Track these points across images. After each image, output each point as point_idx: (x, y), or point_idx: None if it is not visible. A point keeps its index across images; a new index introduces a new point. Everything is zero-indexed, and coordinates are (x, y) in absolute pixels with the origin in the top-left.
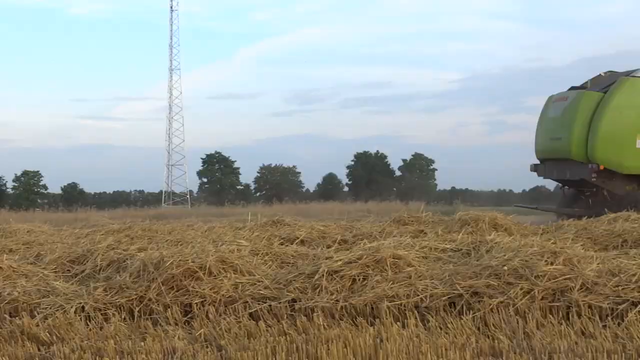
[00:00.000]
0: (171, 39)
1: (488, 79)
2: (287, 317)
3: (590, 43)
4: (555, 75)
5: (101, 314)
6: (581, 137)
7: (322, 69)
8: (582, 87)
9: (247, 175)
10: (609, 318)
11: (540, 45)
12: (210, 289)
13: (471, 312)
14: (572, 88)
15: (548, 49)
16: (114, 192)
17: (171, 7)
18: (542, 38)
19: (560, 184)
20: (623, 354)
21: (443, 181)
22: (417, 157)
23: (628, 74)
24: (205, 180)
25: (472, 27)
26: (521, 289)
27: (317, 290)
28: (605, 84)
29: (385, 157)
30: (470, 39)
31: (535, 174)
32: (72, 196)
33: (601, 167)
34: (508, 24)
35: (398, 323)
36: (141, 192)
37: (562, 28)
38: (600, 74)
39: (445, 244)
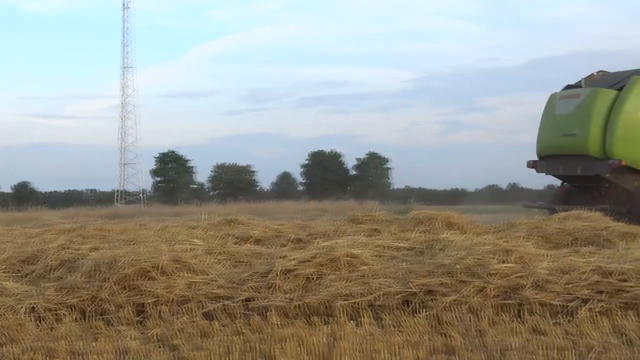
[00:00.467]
0: (124, 36)
1: (442, 79)
2: (241, 317)
3: (543, 44)
4: (508, 75)
5: (52, 314)
6: (598, 134)
7: (278, 68)
8: (577, 85)
9: (202, 174)
10: (560, 315)
11: (494, 45)
12: (164, 289)
13: (425, 310)
14: (569, 87)
15: (502, 50)
16: (66, 191)
17: (124, 5)
18: (496, 38)
19: (562, 181)
20: (574, 351)
21: (398, 180)
22: (372, 156)
23: (637, 72)
24: (159, 179)
25: (427, 27)
26: (474, 287)
27: (272, 289)
28: (610, 82)
29: (340, 156)
30: (425, 38)
31: (527, 171)
32: (23, 195)
33: (623, 163)
34: (463, 24)
35: (352, 321)
36: (94, 191)
37: (516, 29)
38: (593, 74)
39: (400, 243)
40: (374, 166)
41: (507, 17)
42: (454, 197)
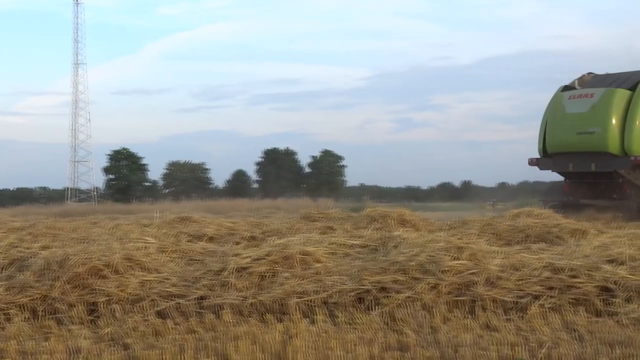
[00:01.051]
0: (76, 32)
1: (396, 77)
2: (195, 315)
3: (495, 43)
4: (461, 73)
5: (2, 314)
6: (617, 132)
7: (232, 65)
8: (571, 87)
9: (155, 172)
10: (512, 311)
11: (447, 44)
12: (117, 287)
13: (379, 307)
14: (566, 88)
15: (454, 49)
16: (16, 189)
17: (75, 0)
18: (449, 38)
19: (565, 177)
20: (525, 346)
21: (352, 178)
22: (326, 154)
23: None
24: (111, 176)
25: (382, 25)
26: (427, 284)
27: (226, 287)
28: (610, 82)
29: (295, 153)
30: (379, 37)
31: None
32: None
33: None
34: (417, 23)
35: (306, 319)
36: (45, 188)
37: (468, 28)
38: (583, 75)
39: (354, 240)
40: (328, 164)
41: (460, 17)
42: (408, 194)
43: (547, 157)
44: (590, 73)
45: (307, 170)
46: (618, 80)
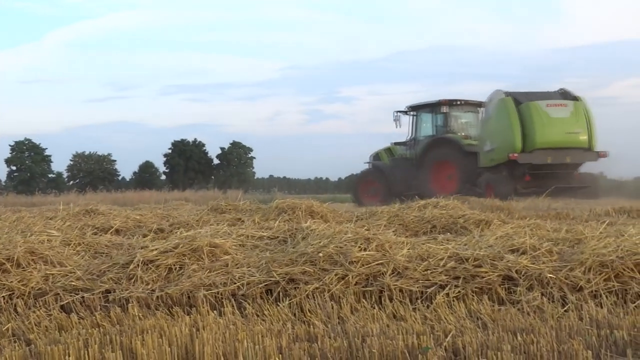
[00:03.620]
0: None
1: (306, 69)
2: (100, 309)
3: (404, 37)
4: (371, 66)
5: None
6: (592, 132)
7: (140, 55)
8: (511, 93)
9: (60, 164)
10: (419, 301)
11: (356, 37)
12: (19, 282)
13: (287, 298)
14: (510, 95)
15: (364, 42)
16: None
17: None
18: (359, 31)
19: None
20: (431, 335)
21: (261, 169)
22: (236, 145)
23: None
24: (14, 168)
25: (293, 17)
26: (336, 274)
27: (132, 280)
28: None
29: (204, 145)
30: (290, 29)
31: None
32: None
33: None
34: (327, 16)
35: (215, 311)
36: None
37: (378, 22)
38: (497, 90)
39: (262, 232)
40: (238, 155)
41: (370, 11)
42: (317, 186)
43: (526, 153)
44: (498, 90)
45: (216, 161)
46: (555, 95)
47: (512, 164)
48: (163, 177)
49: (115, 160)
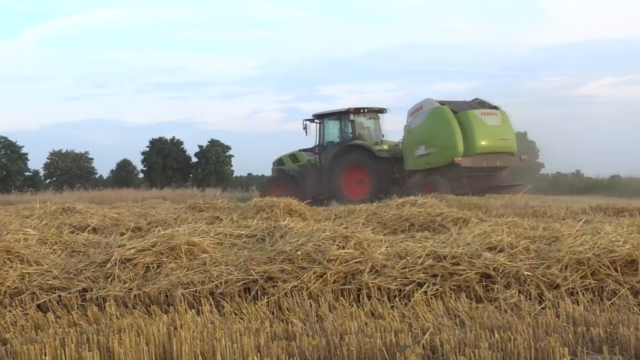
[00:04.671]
0: None
1: (285, 67)
2: (77, 308)
3: (384, 35)
4: (351, 64)
5: None
6: (514, 139)
7: (117, 53)
8: (443, 103)
9: (36, 162)
10: (397, 299)
11: (336, 35)
12: None
13: (266, 297)
14: (449, 106)
15: (344, 39)
16: None
17: None
18: (339, 28)
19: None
20: (409, 333)
21: (239, 167)
22: (214, 143)
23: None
24: None
25: (272, 15)
26: (314, 273)
27: (110, 279)
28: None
29: (182, 143)
30: (269, 27)
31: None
32: None
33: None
34: (307, 13)
35: (193, 310)
36: None
37: (358, 19)
38: (428, 99)
39: (241, 230)
40: (216, 154)
41: (350, 8)
42: None
43: (466, 157)
44: (427, 99)
45: (194, 160)
46: (473, 104)
47: (451, 167)
48: (141, 175)
49: (92, 159)
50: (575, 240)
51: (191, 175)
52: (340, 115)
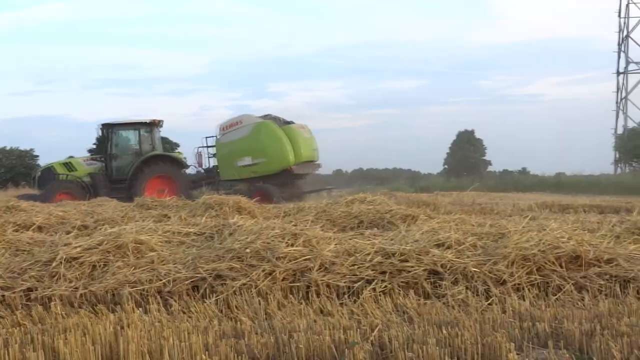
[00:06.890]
0: None
1: (235, 64)
2: (21, 307)
3: (333, 32)
4: (300, 62)
5: None
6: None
7: (65, 48)
8: (274, 117)
9: None
10: (346, 296)
11: (286, 32)
12: None
13: (214, 295)
14: (267, 116)
15: (294, 37)
16: None
17: None
18: (289, 26)
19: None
20: (358, 330)
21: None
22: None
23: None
24: None
25: (222, 11)
26: (263, 270)
27: (55, 278)
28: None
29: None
30: (220, 24)
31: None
32: None
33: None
34: (257, 10)
35: (140, 309)
36: None
37: (308, 16)
38: (248, 115)
39: (189, 228)
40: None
41: (299, 5)
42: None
43: (296, 165)
44: (245, 114)
45: None
46: (278, 120)
47: (282, 175)
48: None
49: (38, 156)
50: (522, 237)
51: None
52: (139, 126)
